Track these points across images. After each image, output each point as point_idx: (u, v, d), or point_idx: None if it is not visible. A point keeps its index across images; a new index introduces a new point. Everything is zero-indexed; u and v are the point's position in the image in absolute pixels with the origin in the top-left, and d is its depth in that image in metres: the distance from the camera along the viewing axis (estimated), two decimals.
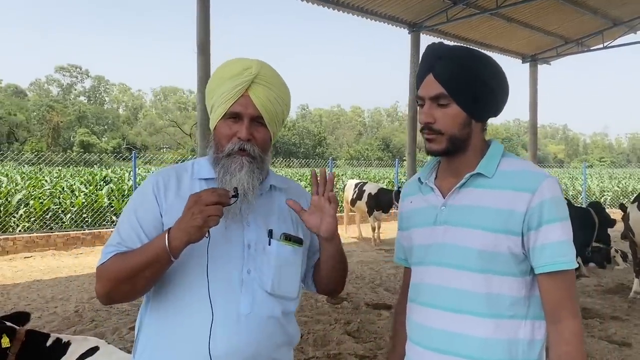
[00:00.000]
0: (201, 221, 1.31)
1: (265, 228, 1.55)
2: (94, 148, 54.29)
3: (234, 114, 1.49)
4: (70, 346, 2.73)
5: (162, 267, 1.40)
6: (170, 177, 1.55)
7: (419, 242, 1.53)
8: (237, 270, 1.48)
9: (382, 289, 7.24)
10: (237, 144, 1.48)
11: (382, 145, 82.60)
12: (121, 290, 1.43)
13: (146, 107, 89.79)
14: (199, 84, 8.74)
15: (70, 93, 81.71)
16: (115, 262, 1.42)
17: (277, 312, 1.53)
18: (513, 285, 1.39)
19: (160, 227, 1.48)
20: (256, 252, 1.51)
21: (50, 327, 5.36)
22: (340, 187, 16.93)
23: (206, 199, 1.32)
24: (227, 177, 1.48)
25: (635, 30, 14.53)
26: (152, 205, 1.49)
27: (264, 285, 1.50)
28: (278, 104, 1.54)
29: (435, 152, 1.45)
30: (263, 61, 1.56)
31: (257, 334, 1.47)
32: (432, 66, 1.41)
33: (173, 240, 1.34)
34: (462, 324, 1.39)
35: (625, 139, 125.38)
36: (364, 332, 5.36)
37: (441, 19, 12.36)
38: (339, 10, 11.45)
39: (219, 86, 1.51)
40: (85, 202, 11.97)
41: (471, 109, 1.42)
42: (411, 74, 12.77)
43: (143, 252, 1.39)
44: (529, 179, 1.39)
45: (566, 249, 1.36)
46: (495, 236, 1.37)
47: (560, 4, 12.23)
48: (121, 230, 1.49)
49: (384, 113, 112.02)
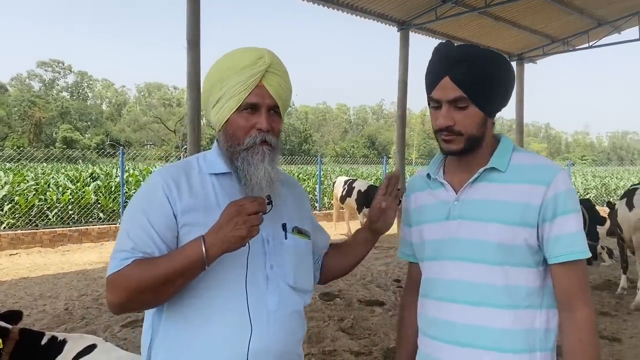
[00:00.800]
0: (245, 231, 1.28)
1: (279, 222, 1.53)
2: (77, 144, 53.65)
3: (251, 105, 1.44)
4: (66, 344, 2.67)
5: (193, 275, 1.34)
6: (179, 175, 1.47)
7: (431, 238, 1.54)
8: (260, 268, 1.45)
9: (373, 285, 7.26)
10: (259, 136, 1.44)
11: (367, 143, 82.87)
12: (141, 299, 1.35)
13: (130, 103, 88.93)
14: (189, 79, 8.62)
15: (52, 88, 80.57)
16: (134, 271, 1.32)
17: (300, 306, 1.53)
18: (529, 276, 1.42)
19: (174, 228, 1.40)
20: (275, 246, 1.49)
21: (40, 325, 5.28)
22: (328, 184, 16.94)
23: (249, 209, 1.29)
24: (251, 169, 1.43)
25: (620, 31, 14.68)
26: (165, 207, 1.41)
27: (287, 280, 1.49)
28: (288, 91, 1.52)
29: (454, 152, 1.46)
30: (270, 49, 1.52)
31: (286, 329, 1.45)
32: (449, 69, 1.40)
33: (211, 248, 1.29)
34: (482, 317, 1.41)
35: (605, 138, 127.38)
36: (358, 328, 5.36)
37: (430, 17, 12.38)
38: (328, 7, 11.40)
39: (230, 77, 1.44)
40: (72, 199, 11.82)
41: (487, 107, 1.44)
42: (400, 72, 12.78)
43: (172, 260, 1.32)
44: (543, 172, 1.42)
45: (580, 239, 1.39)
46: (513, 229, 1.40)
47: (548, 3, 12.31)
48: (132, 234, 1.38)
49: (370, 111, 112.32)
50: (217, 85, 1.47)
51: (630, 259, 6.93)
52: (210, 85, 1.50)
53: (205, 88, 1.53)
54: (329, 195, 16.08)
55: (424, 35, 13.58)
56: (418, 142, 78.81)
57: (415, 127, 78.72)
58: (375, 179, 19.75)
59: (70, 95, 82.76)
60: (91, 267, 8.45)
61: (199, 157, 1.58)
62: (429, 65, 1.48)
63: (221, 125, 1.49)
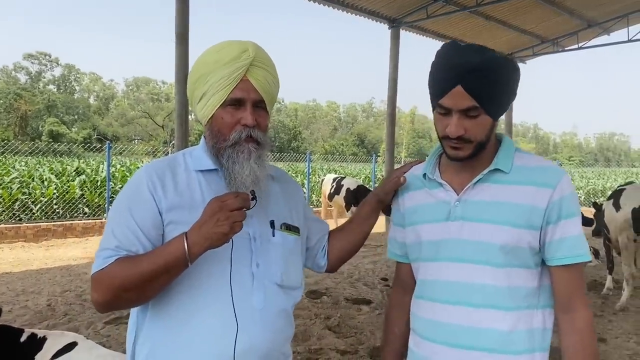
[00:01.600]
0: (228, 228, 1.25)
1: (267, 219, 1.51)
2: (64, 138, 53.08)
3: (235, 100, 1.41)
4: (46, 342, 2.63)
5: (176, 273, 1.32)
6: (164, 172, 1.45)
7: (429, 238, 1.51)
8: (246, 265, 1.43)
9: (360, 283, 7.23)
10: (244, 131, 1.41)
11: (357, 141, 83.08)
12: (125, 297, 1.33)
13: (118, 97, 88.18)
14: (177, 74, 8.53)
15: (39, 81, 79.61)
16: (118, 269, 1.31)
17: (287, 304, 1.51)
18: (528, 277, 1.42)
19: (160, 226, 1.39)
20: (262, 244, 1.47)
21: (22, 321, 5.18)
22: (316, 181, 16.90)
23: (232, 205, 1.26)
24: (236, 167, 1.40)
25: (609, 32, 14.81)
26: (150, 204, 1.39)
27: (273, 278, 1.47)
28: (274, 85, 1.49)
29: (462, 158, 1.43)
30: (254, 42, 1.49)
31: (271, 328, 1.43)
32: (462, 78, 1.34)
33: (193, 245, 1.27)
34: (486, 319, 1.40)
35: (593, 139, 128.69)
36: (345, 327, 5.33)
37: (421, 15, 12.38)
38: (319, 4, 11.36)
39: (213, 72, 1.41)
40: (57, 193, 11.66)
41: (496, 113, 1.41)
42: (390, 70, 12.77)
43: (155, 257, 1.30)
44: (549, 174, 1.42)
45: (582, 243, 1.40)
46: (518, 231, 1.39)
47: (538, 3, 12.38)
48: (117, 232, 1.37)
49: (360, 109, 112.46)
50: (201, 80, 1.44)
51: (616, 259, 6.96)
52: (194, 80, 1.47)
53: (189, 83, 1.50)
54: (317, 192, 16.05)
55: (414, 34, 13.60)
56: (407, 140, 78.97)
57: (405, 125, 78.84)
58: (364, 177, 19.74)
59: (57, 88, 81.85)
60: (75, 262, 8.34)
61: (185, 153, 1.54)
62: (437, 68, 1.41)
63: (207, 121, 1.46)
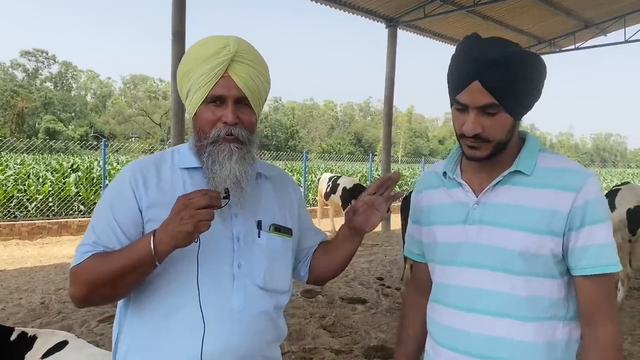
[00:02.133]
0: (192, 227, 1.22)
1: (253, 219, 1.47)
2: (60, 135, 52.96)
3: (216, 97, 1.38)
4: (36, 341, 2.60)
5: (145, 271, 1.31)
6: (148, 169, 1.44)
7: (445, 240, 1.44)
8: (227, 265, 1.40)
9: (356, 283, 7.21)
10: (224, 129, 1.38)
11: (354, 140, 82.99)
12: (100, 294, 1.34)
13: (115, 95, 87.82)
14: (174, 72, 8.50)
15: (35, 78, 79.21)
16: (93, 264, 1.32)
17: (270, 307, 1.47)
18: (553, 287, 1.33)
19: (139, 223, 1.38)
20: (246, 245, 1.44)
21: (15, 319, 5.16)
22: (312, 180, 16.88)
23: (197, 203, 1.22)
24: (216, 166, 1.38)
25: (606, 33, 14.82)
26: (130, 201, 1.38)
27: (255, 280, 1.43)
28: (260, 81, 1.43)
29: (479, 158, 1.35)
30: (239, 37, 1.45)
31: (250, 330, 1.40)
32: (481, 74, 1.26)
33: (159, 244, 1.25)
34: (503, 328, 1.33)
35: (589, 139, 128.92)
36: (340, 326, 5.32)
37: (418, 14, 12.36)
38: (316, 2, 11.33)
39: (194, 69, 1.39)
40: (52, 191, 11.60)
41: (518, 112, 1.32)
42: (387, 69, 12.75)
43: (125, 254, 1.30)
44: (573, 177, 1.32)
45: (610, 252, 1.30)
46: (539, 238, 1.30)
47: (536, 3, 12.37)
48: (96, 227, 1.38)
49: (357, 108, 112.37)
50: (185, 78, 1.43)
51: None
52: (180, 77, 1.46)
53: (177, 81, 1.49)
54: (313, 191, 16.02)
55: (412, 33, 13.58)
56: (404, 140, 79.05)
57: (402, 125, 78.94)
58: (360, 176, 19.73)
59: (54, 85, 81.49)
60: (70, 260, 8.26)
61: (174, 150, 1.53)
62: (455, 62, 1.34)
63: (192, 118, 1.45)
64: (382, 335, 5.07)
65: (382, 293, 6.72)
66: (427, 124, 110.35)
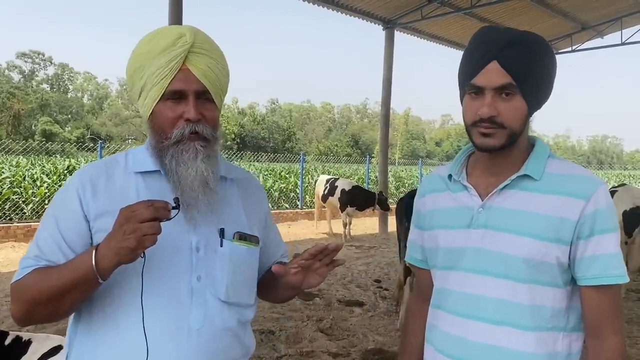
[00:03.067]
0: (134, 242, 1.10)
1: (216, 227, 1.34)
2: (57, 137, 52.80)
3: (175, 93, 1.26)
4: (31, 345, 2.57)
5: (88, 289, 1.20)
6: (99, 175, 1.32)
7: (447, 245, 1.41)
8: (185, 279, 1.28)
9: (353, 285, 7.19)
10: (188, 127, 1.27)
11: (351, 142, 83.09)
12: (41, 312, 1.23)
13: (112, 97, 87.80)
14: None
15: (32, 80, 79.20)
16: (33, 280, 1.21)
17: (233, 322, 1.35)
18: (556, 296, 1.30)
19: (87, 235, 1.27)
20: (206, 255, 1.31)
21: (9, 323, 5.12)
22: (309, 182, 16.86)
23: (141, 216, 1.10)
24: (180, 168, 1.27)
25: (602, 35, 14.86)
26: (76, 211, 1.27)
27: (217, 293, 1.31)
28: (220, 72, 1.33)
29: (492, 147, 1.30)
30: (193, 25, 1.35)
31: (210, 349, 1.29)
32: (499, 53, 1.25)
33: (101, 260, 1.14)
34: (503, 337, 1.29)
35: (586, 141, 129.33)
36: (337, 329, 5.29)
37: (416, 16, 12.38)
38: (314, 4, 11.33)
39: (147, 63, 1.27)
40: (48, 193, 11.55)
41: (533, 100, 1.30)
42: (385, 71, 12.76)
43: (66, 270, 1.18)
44: (583, 184, 1.29)
45: (618, 262, 1.27)
46: (545, 245, 1.27)
47: (533, 5, 12.40)
48: (40, 240, 1.27)
49: (354, 110, 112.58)
50: (137, 74, 1.31)
51: None
52: (130, 75, 1.34)
53: (127, 79, 1.36)
54: (310, 193, 16.01)
55: (409, 35, 13.59)
56: (401, 142, 79.17)
57: (399, 127, 79.07)
58: (357, 178, 19.72)
59: (51, 87, 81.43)
60: None
61: (128, 153, 1.41)
62: (470, 49, 1.32)
63: (147, 117, 1.33)
64: (380, 338, 5.05)
65: (380, 296, 6.70)
66: (424, 126, 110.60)
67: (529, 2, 12.15)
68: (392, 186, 19.42)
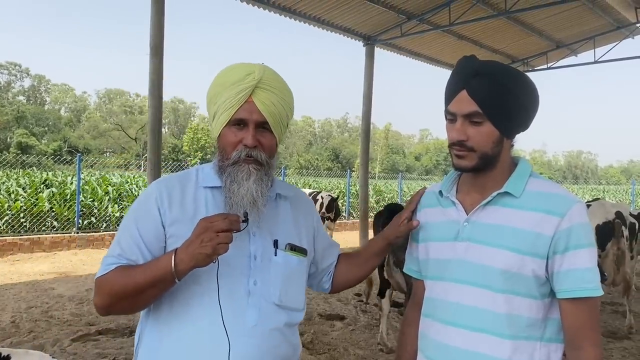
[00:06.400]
0: (211, 250, 1.29)
1: (270, 238, 1.54)
2: (33, 150, 51.95)
3: (239, 121, 1.47)
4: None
5: (165, 287, 1.39)
6: (174, 187, 1.52)
7: (436, 257, 1.51)
8: (243, 282, 1.46)
9: (334, 299, 7.19)
10: (244, 151, 1.46)
11: (331, 156, 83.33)
12: (122, 304, 1.42)
13: (90, 109, 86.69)
14: (151, 86, 8.39)
15: (7, 92, 77.82)
16: (117, 276, 1.40)
17: (282, 323, 1.51)
18: (532, 307, 1.37)
19: (162, 238, 1.46)
20: (262, 263, 1.50)
21: None
22: None
23: (217, 226, 1.29)
24: (234, 186, 1.45)
25: (576, 53, 15.23)
26: (154, 217, 1.46)
27: (270, 297, 1.49)
28: (282, 107, 1.52)
29: (465, 168, 1.42)
30: (266, 65, 1.54)
31: (264, 346, 1.45)
32: (467, 82, 1.36)
33: (179, 263, 1.32)
34: (482, 344, 1.37)
35: (562, 156, 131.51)
36: (318, 343, 5.29)
37: (395, 33, 12.54)
38: (296, 20, 11.42)
39: (221, 93, 1.48)
40: (24, 206, 11.35)
41: (504, 127, 1.39)
42: (365, 86, 12.88)
43: (147, 270, 1.37)
44: (559, 202, 1.37)
45: (592, 276, 1.33)
46: (521, 258, 1.35)
47: (509, 24, 12.68)
48: (122, 241, 1.46)
49: (335, 124, 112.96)
50: (212, 101, 1.52)
51: None
52: (208, 100, 1.55)
53: (206, 103, 1.58)
54: None
55: (389, 51, 13.75)
56: (381, 156, 79.55)
57: (379, 141, 79.46)
58: (339, 191, 19.78)
59: (27, 99, 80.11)
60: (42, 277, 8.11)
61: (199, 169, 1.61)
62: (450, 77, 1.44)
63: (216, 139, 1.54)
64: (361, 352, 5.06)
65: (361, 309, 6.72)
66: (403, 141, 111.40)
67: (506, 21, 12.43)
68: (372, 200, 19.50)
